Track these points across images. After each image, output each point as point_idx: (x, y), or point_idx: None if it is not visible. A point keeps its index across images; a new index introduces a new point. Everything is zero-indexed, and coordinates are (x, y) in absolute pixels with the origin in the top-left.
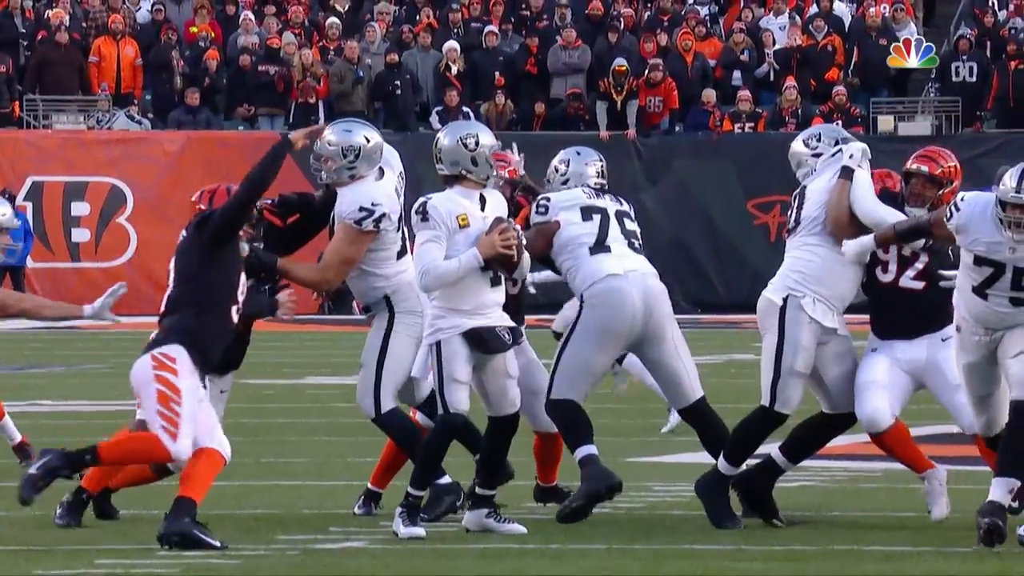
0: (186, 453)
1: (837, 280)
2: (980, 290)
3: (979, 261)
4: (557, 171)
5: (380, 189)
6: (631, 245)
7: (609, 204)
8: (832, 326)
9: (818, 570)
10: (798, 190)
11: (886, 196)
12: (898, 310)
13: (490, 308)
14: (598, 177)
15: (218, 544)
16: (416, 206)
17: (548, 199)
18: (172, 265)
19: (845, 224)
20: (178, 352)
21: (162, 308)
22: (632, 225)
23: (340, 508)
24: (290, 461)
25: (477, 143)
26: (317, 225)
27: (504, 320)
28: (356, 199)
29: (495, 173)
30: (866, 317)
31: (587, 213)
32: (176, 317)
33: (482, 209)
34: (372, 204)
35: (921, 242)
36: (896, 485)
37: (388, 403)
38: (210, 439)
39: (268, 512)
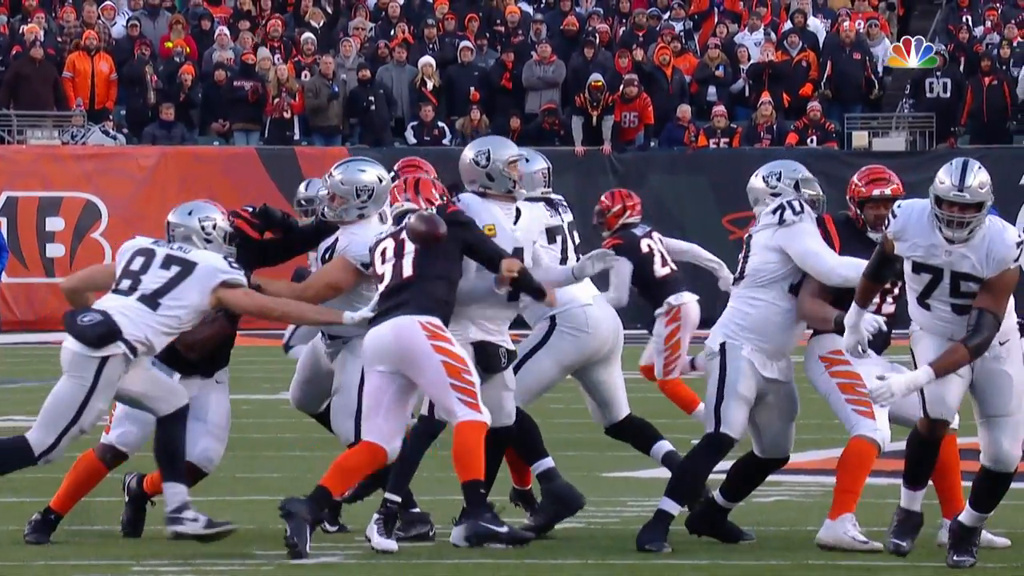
0: (488, 418)
1: (776, 332)
2: (922, 299)
3: (917, 268)
4: None
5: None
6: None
7: (563, 217)
8: (772, 376)
9: None
10: (746, 236)
11: (852, 225)
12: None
13: (502, 323)
14: (545, 184)
15: (504, 530)
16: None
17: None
18: (410, 256)
19: (822, 295)
20: (441, 323)
21: (395, 292)
22: (575, 236)
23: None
24: (265, 476)
25: (488, 158)
26: (291, 250)
27: (507, 340)
28: (367, 242)
29: (516, 186)
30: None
31: (551, 235)
32: (426, 293)
33: (515, 222)
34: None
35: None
36: (871, 500)
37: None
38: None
39: (243, 527)
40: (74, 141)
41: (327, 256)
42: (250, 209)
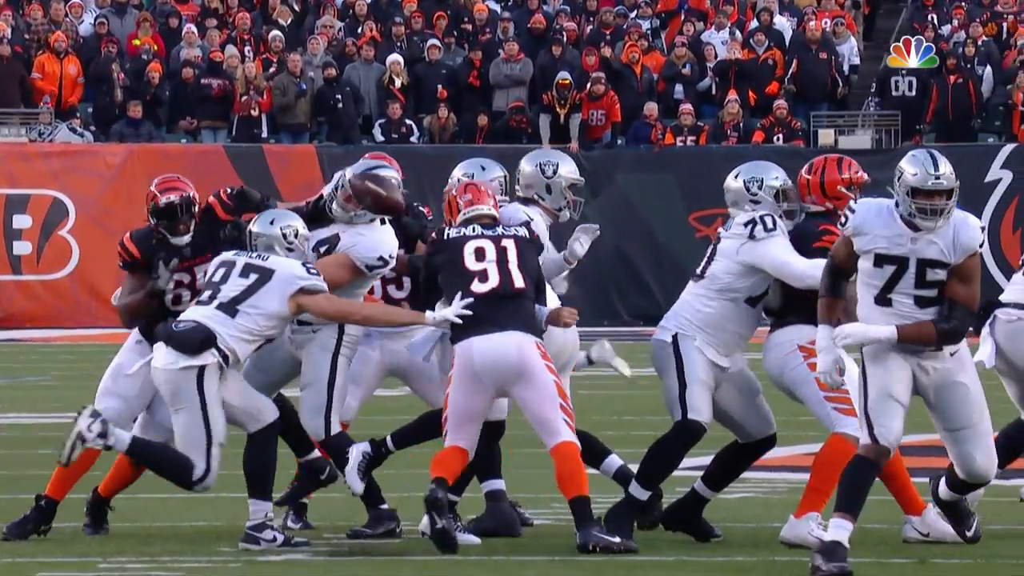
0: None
1: (726, 334)
2: (883, 295)
3: (880, 261)
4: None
5: (394, 239)
6: None
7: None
8: (724, 364)
9: None
10: (716, 235)
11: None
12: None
13: None
14: (502, 192)
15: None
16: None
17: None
18: (515, 265)
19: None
20: None
21: (504, 300)
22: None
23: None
24: (233, 473)
25: (555, 171)
26: None
27: None
28: (377, 246)
29: (568, 207)
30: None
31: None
32: (529, 309)
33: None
34: (389, 256)
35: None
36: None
37: (336, 425)
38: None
39: (210, 524)
40: (41, 139)
41: (323, 250)
42: (229, 190)
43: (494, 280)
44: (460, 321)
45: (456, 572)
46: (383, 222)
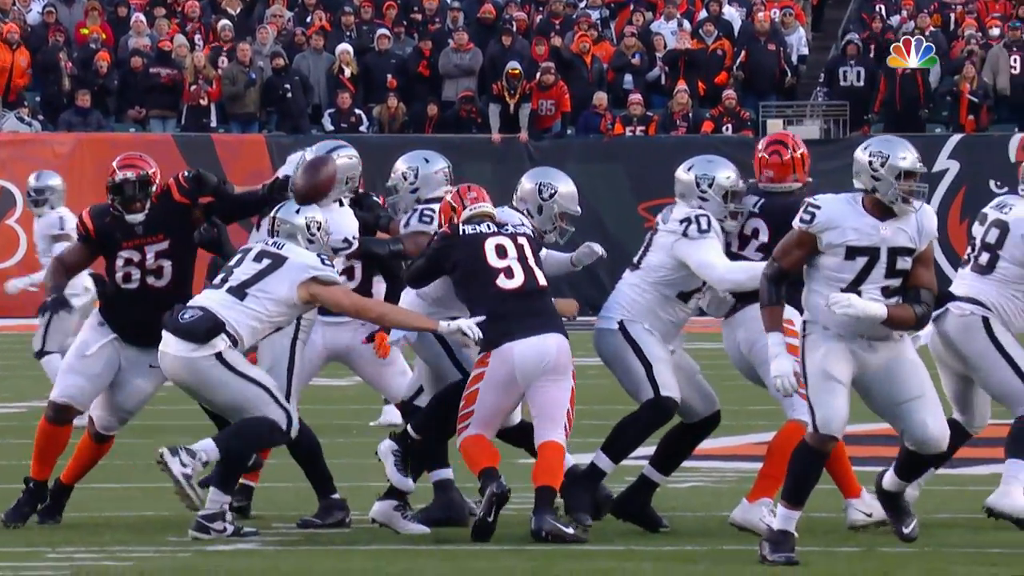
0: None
1: (661, 323)
2: (853, 288)
3: (852, 254)
4: (405, 179)
5: (354, 220)
6: None
7: None
8: (669, 348)
9: (708, 570)
10: (655, 225)
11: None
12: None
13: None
14: (446, 183)
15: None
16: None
17: (433, 210)
18: (534, 263)
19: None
20: None
21: (531, 298)
22: None
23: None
24: None
25: (551, 195)
26: (226, 217)
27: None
28: (340, 228)
29: (555, 232)
30: None
31: None
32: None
33: None
34: (352, 237)
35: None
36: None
37: (294, 411)
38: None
39: (159, 514)
40: None
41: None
42: (186, 173)
43: (519, 278)
44: (476, 335)
45: (406, 562)
46: (341, 204)
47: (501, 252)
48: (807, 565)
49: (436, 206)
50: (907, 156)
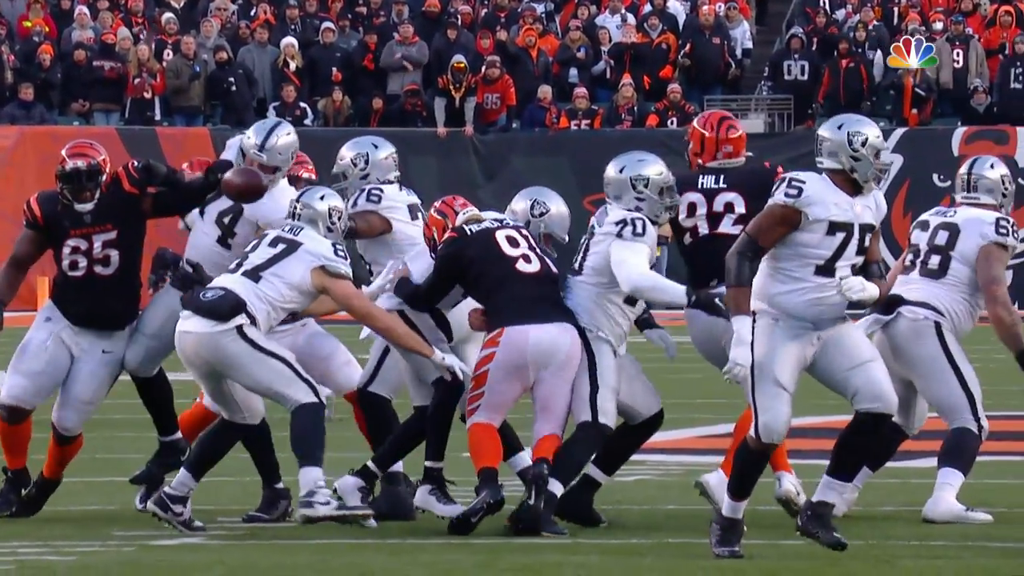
0: None
1: (613, 325)
2: (830, 265)
3: (833, 229)
4: (355, 164)
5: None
6: None
7: (416, 200)
8: (620, 352)
9: (653, 563)
10: (589, 227)
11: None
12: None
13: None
14: (395, 168)
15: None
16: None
17: (382, 190)
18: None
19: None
20: None
21: (545, 283)
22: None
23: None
24: (125, 457)
25: (542, 214)
26: (175, 207)
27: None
28: (283, 208)
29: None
30: None
31: (413, 213)
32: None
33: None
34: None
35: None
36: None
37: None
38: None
39: (103, 508)
40: None
41: (227, 220)
42: (136, 163)
43: (536, 264)
44: (463, 376)
45: (352, 556)
46: (291, 181)
47: (513, 242)
48: (752, 558)
49: (383, 186)
50: (880, 135)
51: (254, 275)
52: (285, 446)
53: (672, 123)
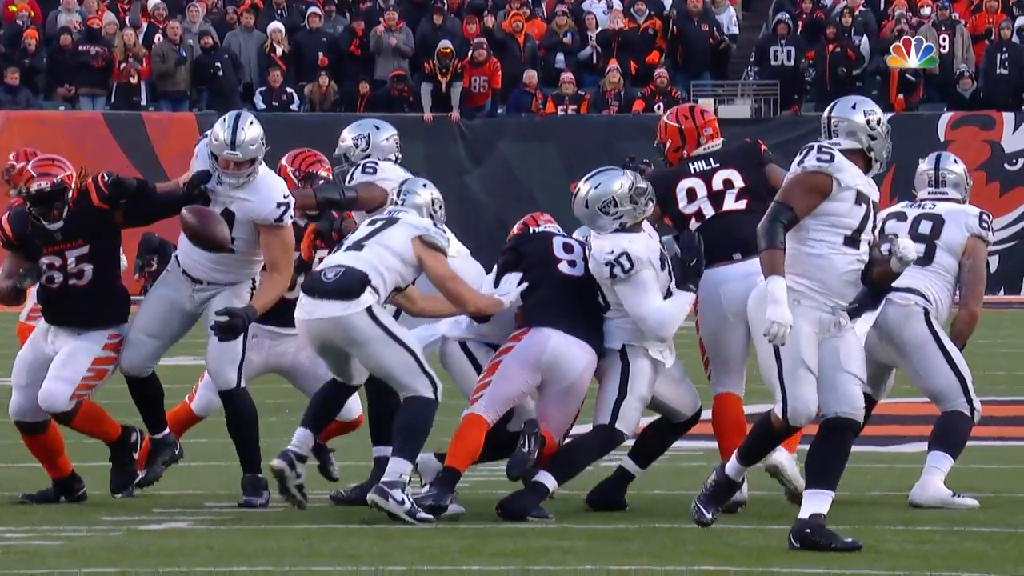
0: None
1: (647, 339)
2: (856, 236)
3: (859, 199)
4: (357, 146)
5: (277, 178)
6: None
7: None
8: (668, 362)
9: (641, 548)
10: (588, 238)
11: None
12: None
13: None
14: (396, 150)
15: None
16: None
17: (376, 162)
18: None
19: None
20: None
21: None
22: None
23: (164, 489)
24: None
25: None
26: (148, 218)
27: None
28: (269, 196)
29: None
30: None
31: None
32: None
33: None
34: (284, 196)
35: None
36: (715, 463)
37: (243, 379)
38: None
39: (91, 493)
40: None
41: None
42: (106, 178)
43: (580, 270)
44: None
45: (339, 541)
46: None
47: (568, 249)
48: (737, 542)
49: (379, 161)
50: (869, 109)
51: (357, 246)
52: (267, 433)
53: (659, 108)
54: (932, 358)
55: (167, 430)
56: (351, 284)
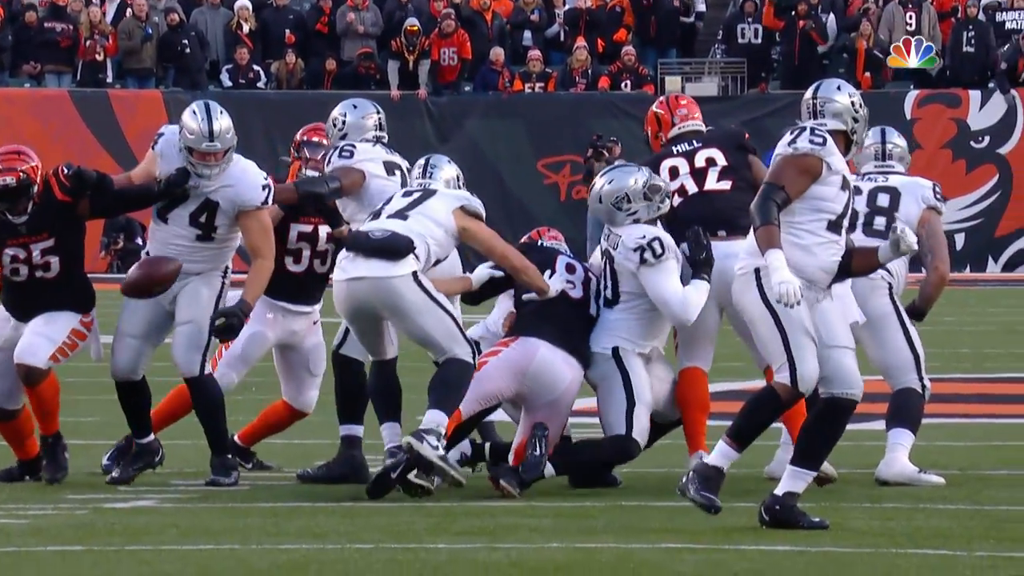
0: None
1: (652, 333)
2: (839, 220)
3: (844, 184)
4: (335, 125)
5: (250, 164)
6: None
7: (400, 161)
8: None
9: (607, 525)
10: (603, 255)
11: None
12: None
13: None
14: (377, 130)
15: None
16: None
17: (354, 145)
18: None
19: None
20: None
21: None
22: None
23: None
24: (79, 420)
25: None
26: (108, 212)
27: None
28: (252, 181)
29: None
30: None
31: (390, 169)
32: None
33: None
34: (264, 177)
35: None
36: (683, 442)
37: (209, 366)
38: None
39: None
40: None
41: (202, 219)
42: (66, 171)
43: (580, 292)
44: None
45: (306, 519)
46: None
47: (570, 269)
48: (704, 519)
49: (356, 142)
50: (842, 93)
51: (401, 216)
52: (234, 411)
53: (626, 86)
54: (892, 332)
55: (152, 435)
56: (398, 244)
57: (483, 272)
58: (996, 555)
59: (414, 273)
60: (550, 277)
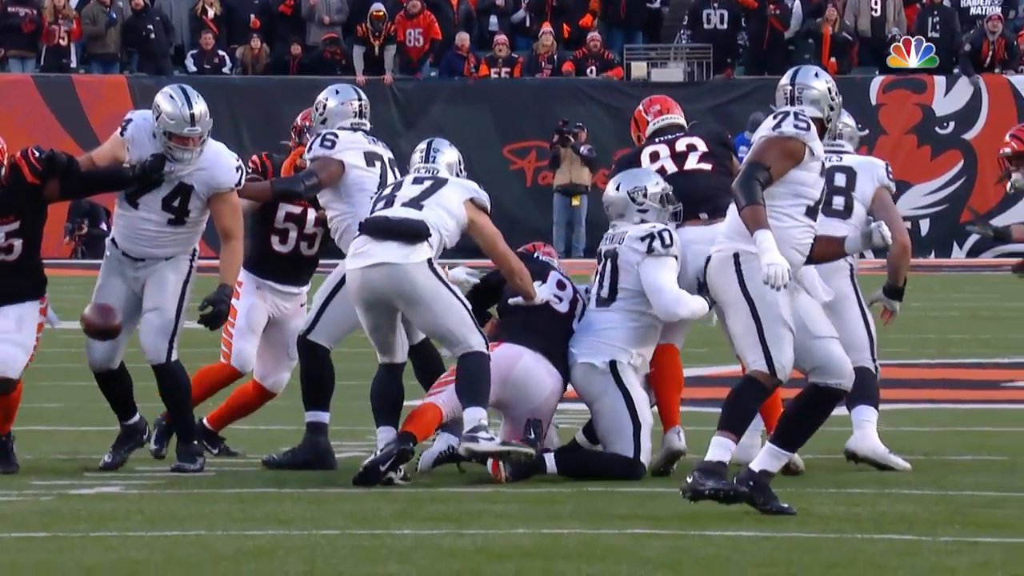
0: None
1: (653, 343)
2: (816, 206)
3: (822, 170)
4: (317, 109)
5: (222, 146)
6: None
7: (383, 151)
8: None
9: (573, 511)
10: (603, 253)
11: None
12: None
13: None
14: (357, 116)
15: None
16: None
17: (336, 134)
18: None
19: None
20: None
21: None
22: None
23: (94, 453)
24: (44, 406)
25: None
26: (76, 194)
27: None
28: (226, 164)
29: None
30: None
31: (370, 159)
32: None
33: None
34: (236, 159)
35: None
36: (657, 428)
37: (176, 352)
38: None
39: (21, 458)
40: None
41: (176, 204)
42: (37, 153)
43: (566, 308)
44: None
45: (272, 505)
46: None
47: (561, 286)
48: (669, 505)
49: (337, 131)
50: (820, 82)
51: (415, 204)
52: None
53: (591, 72)
54: (850, 311)
55: (137, 415)
56: (416, 227)
57: (460, 273)
58: (960, 540)
59: (428, 260)
60: (540, 287)
